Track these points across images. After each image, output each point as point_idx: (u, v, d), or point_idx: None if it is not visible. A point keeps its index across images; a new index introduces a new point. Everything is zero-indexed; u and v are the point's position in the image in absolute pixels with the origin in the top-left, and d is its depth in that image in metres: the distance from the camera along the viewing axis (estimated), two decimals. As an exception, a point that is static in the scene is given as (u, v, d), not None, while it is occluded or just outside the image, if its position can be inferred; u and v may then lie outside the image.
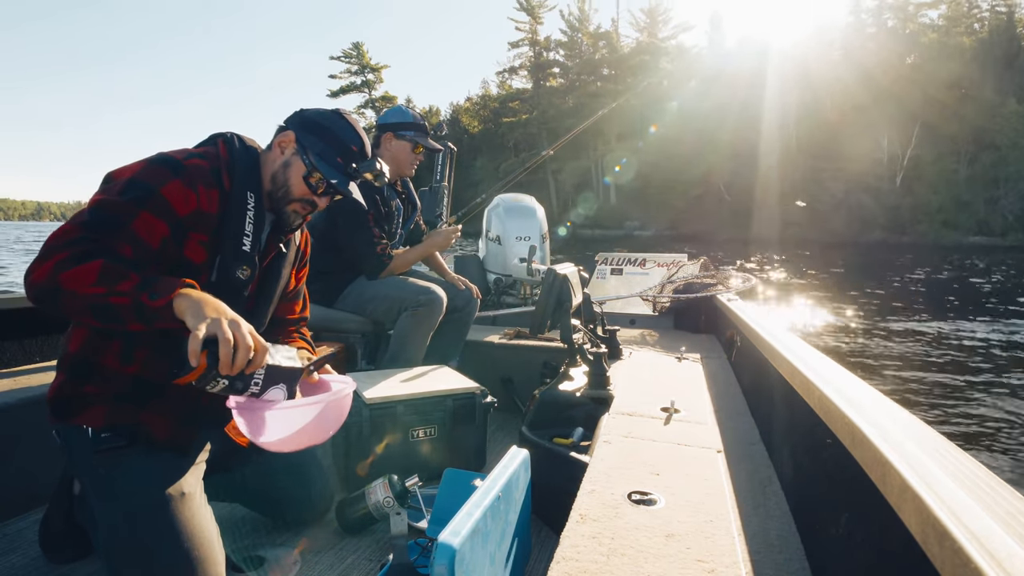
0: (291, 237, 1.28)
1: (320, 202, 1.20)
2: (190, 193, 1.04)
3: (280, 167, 1.18)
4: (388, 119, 2.29)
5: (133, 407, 1.07)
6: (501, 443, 2.08)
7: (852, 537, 0.83)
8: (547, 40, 46.34)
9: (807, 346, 1.42)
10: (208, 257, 1.09)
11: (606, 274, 3.74)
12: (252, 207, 1.13)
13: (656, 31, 42.79)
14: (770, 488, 1.02)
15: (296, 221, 1.22)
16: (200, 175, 1.06)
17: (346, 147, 1.20)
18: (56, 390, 1.07)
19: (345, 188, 1.19)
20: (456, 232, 2.45)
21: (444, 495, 1.38)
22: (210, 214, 1.07)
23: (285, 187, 1.17)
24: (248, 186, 1.13)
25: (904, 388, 4.80)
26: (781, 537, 0.86)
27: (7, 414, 1.42)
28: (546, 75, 45.75)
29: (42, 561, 1.26)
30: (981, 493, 0.59)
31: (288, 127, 1.20)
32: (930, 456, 0.68)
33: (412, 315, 2.10)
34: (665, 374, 1.85)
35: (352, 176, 1.22)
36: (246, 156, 1.15)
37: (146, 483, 1.01)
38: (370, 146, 1.26)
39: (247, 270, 1.13)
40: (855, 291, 10.26)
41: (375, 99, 51.78)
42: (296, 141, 1.18)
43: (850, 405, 0.88)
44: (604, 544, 0.81)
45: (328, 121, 1.21)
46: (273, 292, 1.26)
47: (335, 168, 1.19)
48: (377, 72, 51.52)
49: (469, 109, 51.95)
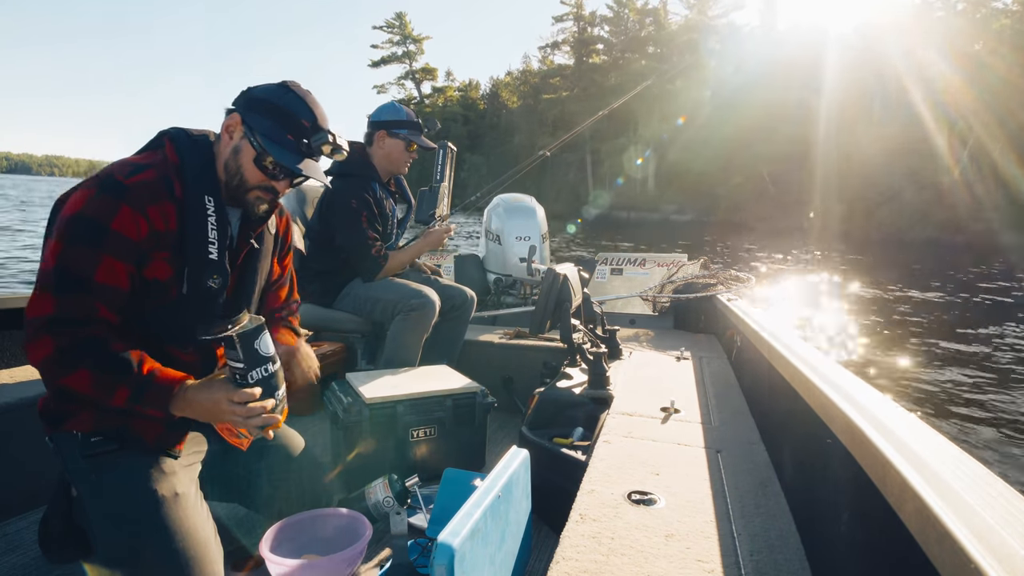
0: (263, 228, 1.21)
1: (279, 186, 1.13)
2: (139, 219, 0.99)
3: (231, 154, 1.10)
4: (381, 117, 2.25)
5: (121, 412, 1.07)
6: (501, 443, 2.07)
7: (852, 537, 0.83)
8: (592, 15, 45.25)
9: (807, 346, 1.42)
10: (175, 271, 1.04)
11: (606, 274, 3.74)
12: (212, 212, 1.07)
13: (706, 9, 41.29)
14: (770, 488, 1.02)
15: (261, 208, 1.14)
16: (147, 194, 1.00)
17: (296, 122, 1.09)
18: (45, 401, 1.08)
19: (298, 168, 1.09)
20: (449, 231, 2.44)
21: (444, 495, 1.38)
22: (167, 232, 1.02)
23: (239, 175, 1.09)
24: (203, 189, 1.06)
25: (909, 388, 4.80)
26: (781, 537, 0.86)
27: (7, 414, 1.42)
28: (589, 51, 44.66)
29: (42, 561, 1.26)
30: (981, 493, 0.59)
31: (235, 108, 1.10)
32: (930, 456, 0.68)
33: (405, 318, 2.10)
34: (665, 374, 1.85)
35: (307, 153, 1.11)
36: (196, 154, 1.08)
37: (137, 484, 1.00)
38: (326, 119, 1.14)
39: (217, 279, 1.08)
40: (894, 291, 9.71)
41: (415, 71, 51.70)
42: (243, 123, 1.08)
43: (850, 405, 0.88)
44: (604, 544, 0.81)
45: (275, 96, 1.09)
46: (252, 290, 1.21)
47: (286, 147, 1.08)
48: (419, 43, 51.41)
49: (509, 84, 51.25)
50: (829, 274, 11.53)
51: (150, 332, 1.06)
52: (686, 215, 31.84)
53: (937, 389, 4.75)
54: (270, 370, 1.01)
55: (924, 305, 8.72)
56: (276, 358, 1.04)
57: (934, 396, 4.58)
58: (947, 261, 15.06)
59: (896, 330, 6.97)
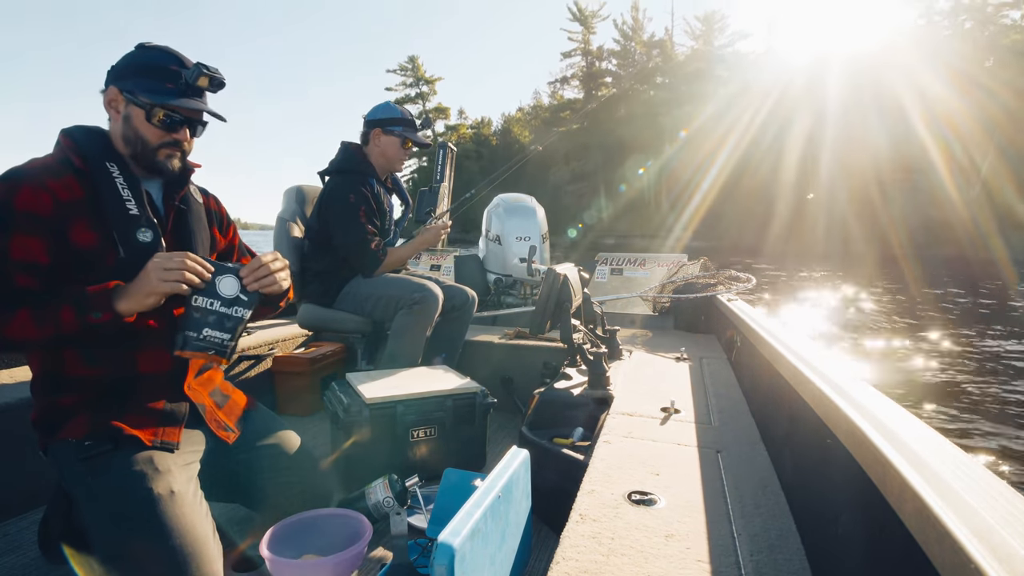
0: (187, 192, 1.24)
1: (180, 136, 1.15)
2: (41, 192, 1.02)
3: (124, 125, 1.13)
4: (376, 115, 2.25)
5: (112, 411, 1.07)
6: (501, 443, 2.07)
7: (852, 537, 0.83)
8: (599, 50, 46.02)
9: (807, 346, 1.42)
10: (100, 235, 1.07)
11: (606, 274, 3.74)
12: (118, 174, 1.10)
13: (712, 39, 41.67)
14: (770, 488, 1.02)
15: (175, 165, 1.17)
16: (45, 171, 1.05)
17: (166, 70, 1.13)
18: (37, 412, 1.09)
19: (189, 103, 1.12)
20: (446, 228, 2.44)
21: (444, 495, 1.38)
22: (76, 200, 1.05)
23: (140, 141, 1.13)
24: (104, 157, 1.10)
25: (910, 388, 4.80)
26: (781, 537, 0.86)
27: (7, 414, 1.43)
28: (598, 84, 45.38)
29: (42, 561, 1.26)
30: (981, 493, 0.59)
31: (106, 85, 1.14)
32: (930, 456, 0.68)
33: (408, 312, 2.10)
34: (665, 374, 1.85)
35: (188, 93, 1.14)
36: (91, 135, 1.13)
37: (133, 484, 1.00)
38: (191, 60, 1.17)
39: (147, 231, 1.10)
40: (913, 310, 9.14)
41: (429, 110, 52.58)
42: (120, 92, 1.12)
43: (850, 405, 0.89)
44: (604, 544, 0.81)
45: (137, 58, 1.14)
46: (195, 249, 1.22)
47: (168, 94, 1.12)
48: (431, 84, 52.52)
49: (520, 119, 52.14)
50: (834, 290, 11.35)
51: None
52: (699, 241, 31.53)
53: (937, 389, 4.75)
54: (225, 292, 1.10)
55: (928, 312, 8.65)
56: (240, 299, 1.12)
57: (934, 396, 4.58)
58: (959, 278, 14.72)
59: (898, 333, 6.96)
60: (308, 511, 1.23)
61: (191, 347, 1.07)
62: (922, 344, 6.35)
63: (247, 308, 1.12)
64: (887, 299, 10.25)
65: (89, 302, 0.99)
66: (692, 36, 42.87)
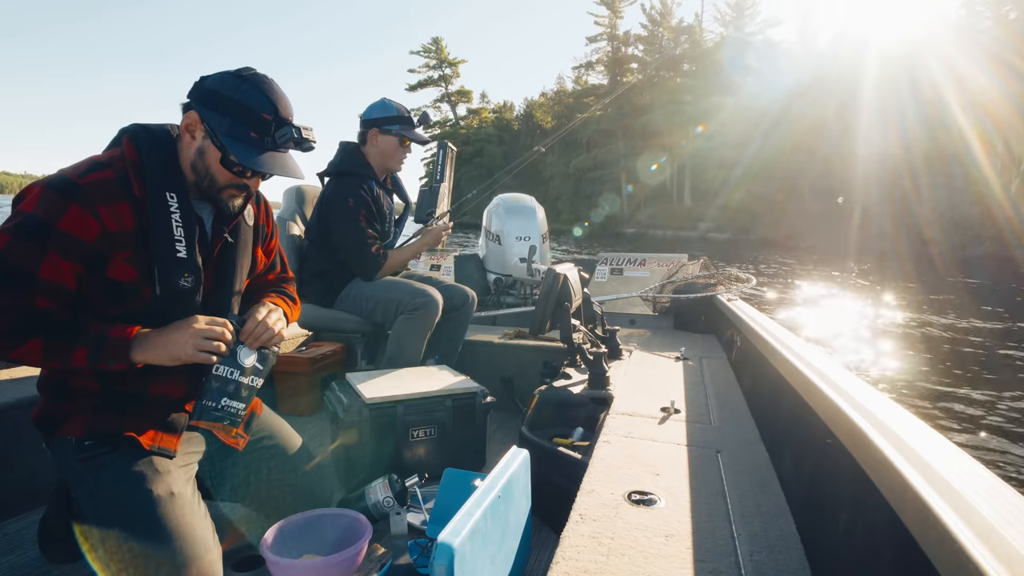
0: (239, 221, 1.18)
1: (252, 183, 1.11)
2: (89, 218, 0.96)
3: (196, 155, 1.06)
4: (371, 115, 2.20)
5: (114, 416, 1.07)
6: (501, 443, 2.07)
7: (852, 537, 0.83)
8: (626, 35, 44.75)
9: (807, 346, 1.42)
10: (140, 273, 1.02)
11: (606, 274, 3.74)
12: (176, 208, 1.03)
13: (743, 25, 40.05)
14: (770, 488, 1.02)
15: (235, 204, 1.12)
16: (100, 193, 0.97)
17: (258, 118, 1.03)
18: (39, 409, 1.09)
19: (266, 167, 1.04)
20: (447, 229, 2.43)
21: (444, 495, 1.38)
22: (125, 232, 0.99)
23: (208, 176, 1.07)
24: (164, 187, 1.03)
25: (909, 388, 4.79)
26: (781, 537, 0.86)
27: (7, 414, 1.42)
28: (623, 71, 44.15)
29: (42, 561, 1.26)
30: (981, 493, 0.59)
31: (191, 104, 1.05)
32: (930, 456, 0.68)
33: (409, 317, 2.09)
34: (665, 374, 1.85)
35: (272, 149, 1.06)
36: (156, 153, 1.04)
37: (132, 485, 1.00)
38: (289, 107, 1.08)
39: (189, 276, 1.05)
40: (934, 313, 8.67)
41: (451, 93, 52.61)
42: (202, 121, 1.04)
43: (850, 405, 0.89)
44: (604, 544, 0.81)
45: (230, 90, 1.03)
46: (232, 285, 1.18)
47: (251, 146, 1.03)
48: (454, 67, 52.46)
49: (543, 104, 51.34)
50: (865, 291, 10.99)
51: None
52: (724, 233, 30.82)
53: (937, 389, 4.74)
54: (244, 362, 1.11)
55: (951, 310, 8.48)
56: (257, 369, 1.13)
57: (934, 396, 4.58)
58: (997, 276, 14.17)
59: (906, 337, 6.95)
60: (308, 511, 1.23)
61: (208, 417, 1.08)
62: (938, 340, 6.28)
63: (261, 377, 1.13)
64: (920, 299, 10.01)
65: (105, 350, 0.97)
66: (722, 22, 41.50)
